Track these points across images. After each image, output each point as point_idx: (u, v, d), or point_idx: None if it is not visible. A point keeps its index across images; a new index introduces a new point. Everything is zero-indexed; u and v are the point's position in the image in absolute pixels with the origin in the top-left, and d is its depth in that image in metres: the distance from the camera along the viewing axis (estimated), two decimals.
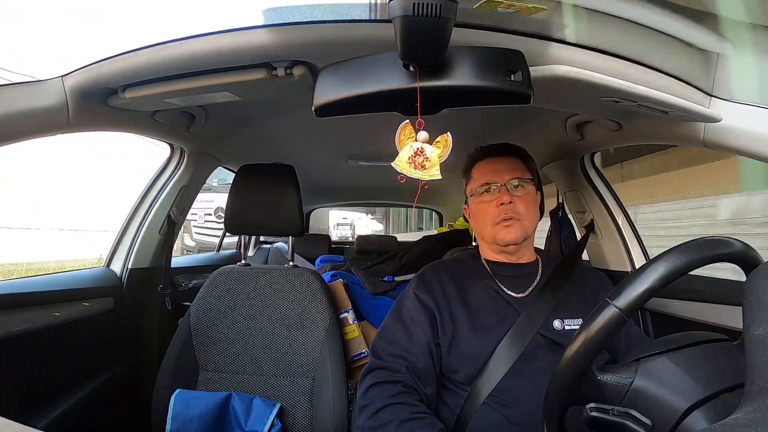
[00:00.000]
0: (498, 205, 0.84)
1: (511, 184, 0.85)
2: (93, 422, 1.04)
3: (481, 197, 0.87)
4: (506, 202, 0.84)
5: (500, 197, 0.84)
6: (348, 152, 1.74)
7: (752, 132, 0.64)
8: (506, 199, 0.84)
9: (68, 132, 0.78)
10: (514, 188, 0.85)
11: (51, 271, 1.20)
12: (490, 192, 0.86)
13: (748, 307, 0.41)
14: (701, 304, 0.93)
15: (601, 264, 1.23)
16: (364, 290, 1.40)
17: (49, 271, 1.22)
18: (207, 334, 1.07)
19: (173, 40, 0.67)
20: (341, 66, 0.60)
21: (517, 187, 0.86)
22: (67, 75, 0.73)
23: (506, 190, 0.85)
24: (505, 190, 0.85)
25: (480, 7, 0.56)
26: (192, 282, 1.61)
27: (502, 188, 0.85)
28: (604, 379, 0.50)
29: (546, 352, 0.79)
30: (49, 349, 0.95)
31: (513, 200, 0.84)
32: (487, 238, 0.88)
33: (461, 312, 0.83)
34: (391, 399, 0.74)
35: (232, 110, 1.11)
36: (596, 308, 0.49)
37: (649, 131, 0.87)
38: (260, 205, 1.14)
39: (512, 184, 0.85)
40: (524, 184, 0.86)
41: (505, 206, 0.84)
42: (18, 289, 0.92)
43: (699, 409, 0.44)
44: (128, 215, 1.29)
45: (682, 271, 0.48)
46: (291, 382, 1.05)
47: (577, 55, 0.64)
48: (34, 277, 1.06)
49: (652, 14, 0.65)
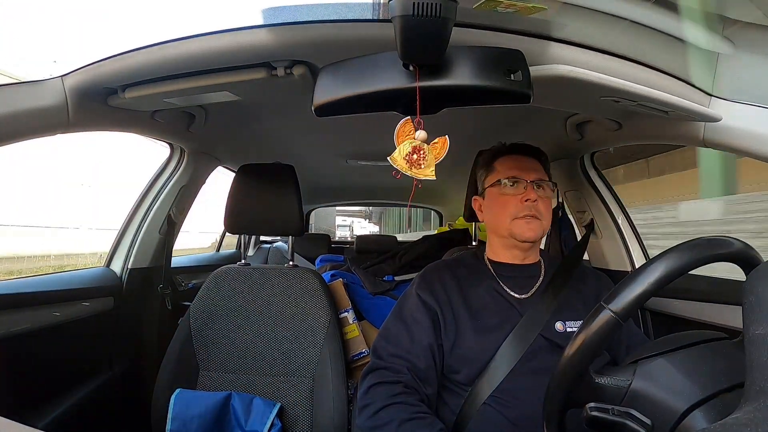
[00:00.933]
0: (523, 201, 0.85)
1: (537, 183, 0.86)
2: (93, 422, 1.04)
3: (504, 189, 0.87)
4: (533, 199, 0.84)
5: (526, 193, 0.85)
6: (348, 152, 1.74)
7: (752, 131, 0.64)
8: (533, 196, 0.84)
9: (68, 132, 0.78)
10: (537, 188, 0.86)
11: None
12: (515, 186, 0.86)
13: (747, 307, 0.41)
14: (701, 304, 0.93)
15: (601, 264, 1.23)
16: (364, 290, 1.40)
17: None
18: (207, 334, 1.07)
19: (173, 39, 0.67)
20: (341, 66, 0.59)
21: (540, 188, 0.86)
22: (67, 75, 0.73)
23: (533, 188, 0.85)
24: (532, 188, 0.85)
25: (480, 7, 0.56)
26: (192, 282, 1.61)
27: (528, 185, 0.85)
28: (602, 381, 0.50)
29: (547, 353, 0.79)
30: (49, 349, 0.95)
31: (537, 199, 0.85)
32: (503, 231, 0.88)
33: (463, 312, 0.83)
34: (391, 399, 0.74)
35: (232, 110, 1.11)
36: (592, 312, 0.49)
37: (649, 131, 0.87)
38: (260, 205, 1.14)
39: (537, 184, 0.86)
40: (545, 186, 0.87)
41: (530, 203, 0.84)
42: (18, 289, 0.92)
43: (699, 408, 0.44)
44: (128, 215, 1.29)
45: (681, 272, 0.48)
46: (291, 382, 1.05)
47: (577, 55, 0.64)
48: (34, 277, 1.06)
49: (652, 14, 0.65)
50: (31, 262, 6.94)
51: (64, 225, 8.04)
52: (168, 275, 1.36)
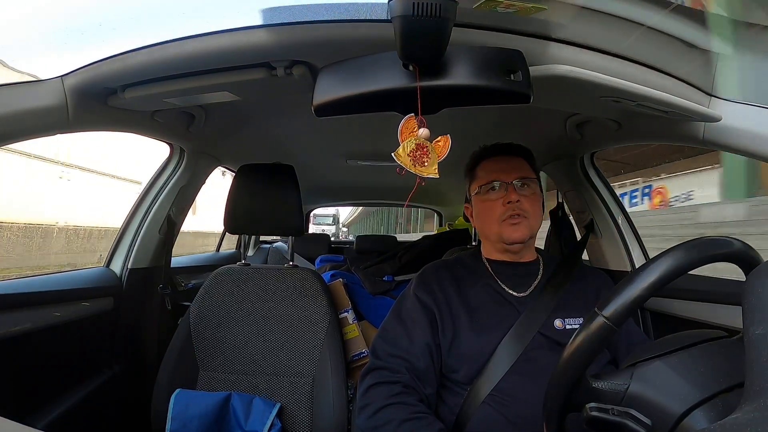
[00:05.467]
0: (505, 203, 0.84)
1: (517, 182, 0.85)
2: (93, 422, 1.04)
3: (486, 195, 0.87)
4: (513, 200, 0.84)
5: (507, 195, 0.84)
6: (348, 152, 1.74)
7: (752, 131, 0.64)
8: (513, 197, 0.84)
9: (68, 132, 0.78)
10: (520, 187, 0.85)
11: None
12: (496, 190, 0.86)
13: (747, 307, 0.41)
14: (701, 304, 0.93)
15: (601, 264, 1.23)
16: (364, 290, 1.40)
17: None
18: (207, 334, 1.07)
19: (173, 39, 0.67)
20: (341, 66, 0.59)
21: (523, 186, 0.86)
22: (67, 75, 0.73)
23: (513, 189, 0.85)
24: (512, 189, 0.85)
25: (480, 7, 0.56)
26: (192, 282, 1.61)
27: (509, 187, 0.85)
28: (599, 386, 0.49)
29: (547, 351, 0.79)
30: (49, 349, 0.95)
31: (519, 198, 0.84)
32: (492, 236, 0.88)
33: (462, 311, 0.83)
34: (390, 399, 0.74)
35: (232, 110, 1.11)
36: (587, 318, 0.49)
37: (648, 131, 0.87)
38: (260, 205, 1.14)
39: (518, 183, 0.86)
40: (529, 183, 0.86)
41: (512, 204, 0.84)
42: (18, 289, 0.92)
43: (699, 408, 0.44)
44: (128, 215, 1.29)
45: (680, 272, 0.48)
46: (291, 382, 1.05)
47: (577, 55, 0.64)
48: (34, 277, 1.06)
49: (652, 14, 0.65)
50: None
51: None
52: (168, 275, 1.36)
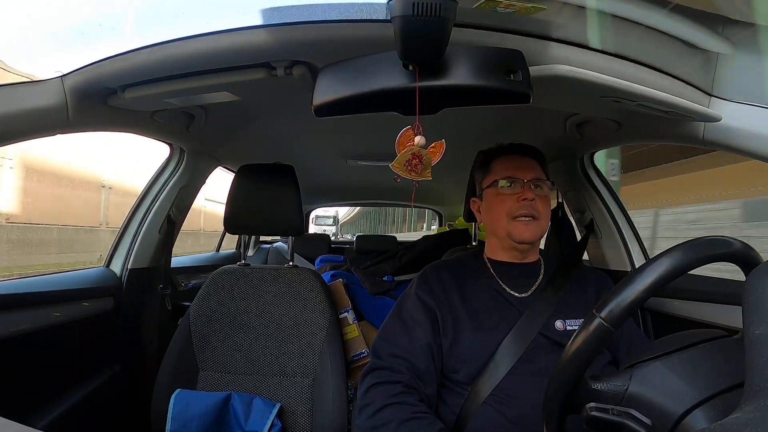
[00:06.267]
0: (520, 200, 0.84)
1: (533, 182, 0.86)
2: (93, 422, 1.04)
3: (501, 189, 0.87)
4: (529, 198, 0.84)
5: (523, 193, 0.85)
6: (348, 152, 1.74)
7: (752, 131, 0.64)
8: (530, 195, 0.84)
9: (68, 132, 0.78)
10: (535, 188, 0.86)
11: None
12: (512, 186, 0.86)
13: (747, 307, 0.40)
14: (701, 304, 0.93)
15: (601, 264, 1.23)
16: (364, 290, 1.40)
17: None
18: (207, 334, 1.07)
19: (173, 40, 0.67)
20: (341, 66, 0.59)
21: (537, 188, 0.86)
22: (67, 75, 0.73)
23: (529, 188, 0.85)
24: (529, 187, 0.85)
25: (480, 7, 0.56)
26: (192, 282, 1.61)
27: (525, 185, 0.85)
28: (598, 387, 0.49)
29: (547, 352, 0.78)
30: (49, 349, 0.95)
31: (535, 198, 0.85)
32: (501, 232, 0.87)
33: (463, 312, 0.83)
34: (391, 399, 0.74)
35: (232, 110, 1.11)
36: (586, 319, 0.49)
37: (648, 130, 0.87)
38: (260, 205, 1.14)
39: (534, 183, 0.86)
40: (543, 185, 0.87)
41: (527, 202, 0.84)
42: (18, 289, 0.92)
43: (699, 408, 0.44)
44: (128, 215, 1.29)
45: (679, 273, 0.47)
46: (291, 382, 1.05)
47: (577, 55, 0.64)
48: (34, 277, 1.06)
49: (652, 14, 0.65)
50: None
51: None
52: (168, 275, 1.36)
